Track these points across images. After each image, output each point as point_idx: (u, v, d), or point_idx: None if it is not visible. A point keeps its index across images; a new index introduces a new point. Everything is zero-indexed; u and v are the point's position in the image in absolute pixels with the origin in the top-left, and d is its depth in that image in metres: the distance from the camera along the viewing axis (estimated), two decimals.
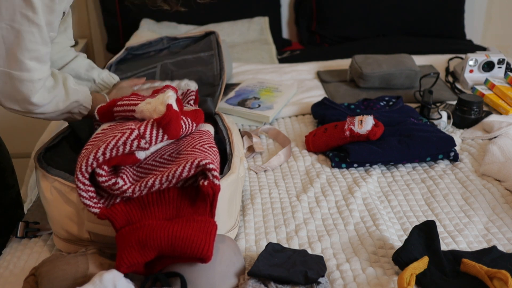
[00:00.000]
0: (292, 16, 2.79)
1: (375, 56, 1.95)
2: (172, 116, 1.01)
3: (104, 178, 0.97)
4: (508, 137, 1.49)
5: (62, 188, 1.07)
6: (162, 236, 0.92)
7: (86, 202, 0.97)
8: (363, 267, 1.07)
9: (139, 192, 0.98)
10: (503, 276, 0.95)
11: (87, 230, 1.06)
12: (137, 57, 1.77)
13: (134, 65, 1.72)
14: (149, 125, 1.01)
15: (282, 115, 1.74)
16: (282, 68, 2.10)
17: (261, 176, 1.41)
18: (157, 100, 1.06)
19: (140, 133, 0.99)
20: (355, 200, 1.29)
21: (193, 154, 1.02)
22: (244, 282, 0.97)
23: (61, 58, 1.42)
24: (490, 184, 1.34)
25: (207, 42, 1.75)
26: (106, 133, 1.05)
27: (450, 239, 1.16)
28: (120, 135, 0.98)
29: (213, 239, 0.94)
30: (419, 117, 1.59)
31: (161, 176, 0.98)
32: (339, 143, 1.46)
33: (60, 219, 1.09)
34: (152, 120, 1.02)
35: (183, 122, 1.09)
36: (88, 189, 0.97)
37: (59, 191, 1.07)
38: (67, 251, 1.09)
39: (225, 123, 1.32)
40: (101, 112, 1.14)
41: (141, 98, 1.12)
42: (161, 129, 1.01)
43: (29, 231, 1.18)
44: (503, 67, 1.90)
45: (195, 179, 1.00)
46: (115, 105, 1.12)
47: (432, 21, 2.62)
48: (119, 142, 0.98)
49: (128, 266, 0.92)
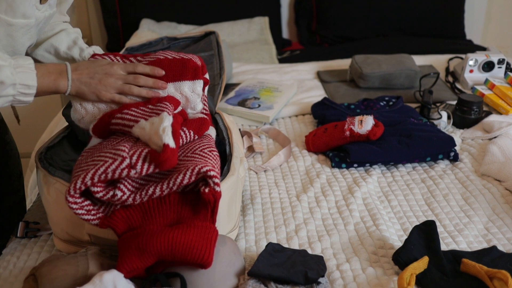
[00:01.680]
0: (292, 16, 2.79)
1: (375, 56, 1.95)
2: (168, 157, 0.95)
3: (101, 193, 0.96)
4: (508, 137, 1.49)
5: (63, 189, 1.06)
6: (162, 241, 0.92)
7: (85, 217, 0.96)
8: (363, 267, 1.07)
9: (140, 200, 0.98)
10: (503, 276, 0.95)
11: (87, 233, 1.06)
12: None
13: None
14: (141, 158, 0.96)
15: (282, 115, 1.74)
16: (282, 68, 2.10)
17: (261, 176, 1.41)
18: (151, 129, 1.00)
19: (131, 164, 0.96)
20: (355, 200, 1.29)
21: (193, 161, 1.02)
22: (244, 282, 0.97)
23: (45, 33, 1.28)
24: (490, 184, 1.34)
25: (207, 42, 1.75)
26: (100, 148, 1.04)
27: (450, 239, 1.16)
28: (110, 162, 0.95)
29: (213, 245, 0.94)
30: (419, 117, 1.59)
31: (161, 183, 0.97)
32: (339, 143, 1.46)
33: (60, 220, 1.08)
34: (146, 151, 0.97)
35: (183, 134, 1.08)
36: (83, 205, 0.96)
37: (60, 193, 1.07)
38: (67, 252, 1.09)
39: (225, 122, 1.32)
40: (97, 131, 1.12)
41: (138, 114, 1.08)
42: (153, 165, 0.97)
43: (29, 231, 1.18)
44: (503, 67, 1.90)
45: (196, 184, 1.00)
46: (111, 122, 1.09)
47: (432, 21, 2.62)
48: (108, 169, 0.95)
49: (128, 272, 0.92)
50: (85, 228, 1.05)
